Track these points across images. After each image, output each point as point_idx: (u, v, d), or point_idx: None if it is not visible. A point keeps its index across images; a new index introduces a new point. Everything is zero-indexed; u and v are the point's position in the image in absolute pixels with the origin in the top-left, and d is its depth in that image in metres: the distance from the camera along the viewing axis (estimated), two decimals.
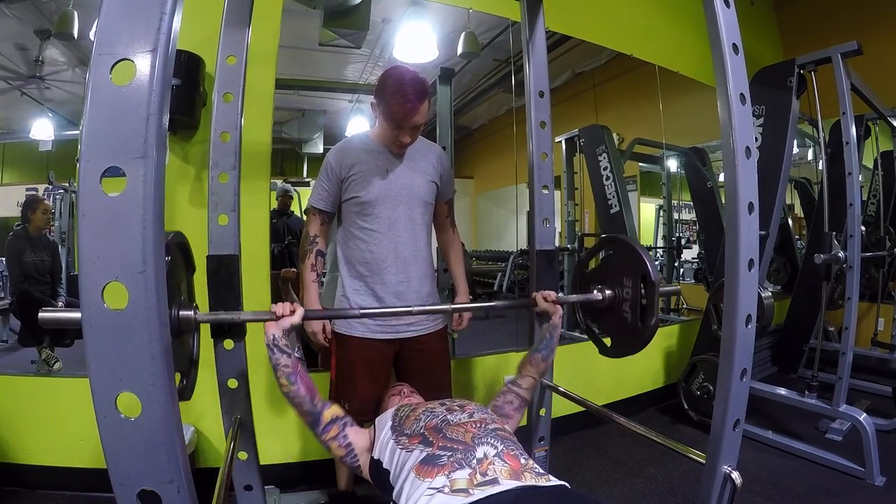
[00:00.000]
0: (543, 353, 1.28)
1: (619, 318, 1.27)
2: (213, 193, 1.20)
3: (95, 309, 0.49)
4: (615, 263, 1.29)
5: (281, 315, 1.05)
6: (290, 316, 1.05)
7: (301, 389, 1.04)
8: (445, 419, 1.04)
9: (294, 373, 1.04)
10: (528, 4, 1.51)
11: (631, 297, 1.22)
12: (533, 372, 1.27)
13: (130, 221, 0.48)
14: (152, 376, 0.51)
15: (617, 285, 1.27)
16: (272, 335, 1.03)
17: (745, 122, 0.93)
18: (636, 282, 1.19)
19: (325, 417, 1.07)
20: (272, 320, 1.05)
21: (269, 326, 1.04)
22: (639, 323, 1.19)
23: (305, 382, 1.05)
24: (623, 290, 1.24)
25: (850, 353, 2.14)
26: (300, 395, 1.04)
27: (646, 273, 1.17)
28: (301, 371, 1.05)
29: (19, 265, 2.43)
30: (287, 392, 1.04)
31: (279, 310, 1.05)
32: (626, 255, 1.24)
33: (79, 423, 1.80)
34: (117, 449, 0.54)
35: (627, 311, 1.23)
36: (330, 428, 1.08)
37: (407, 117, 1.37)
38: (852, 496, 1.85)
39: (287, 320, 1.05)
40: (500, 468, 0.86)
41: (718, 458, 0.97)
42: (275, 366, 1.03)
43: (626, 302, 1.24)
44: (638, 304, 1.19)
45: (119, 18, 0.49)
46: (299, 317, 1.06)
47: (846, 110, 2.16)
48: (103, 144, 0.48)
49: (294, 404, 1.06)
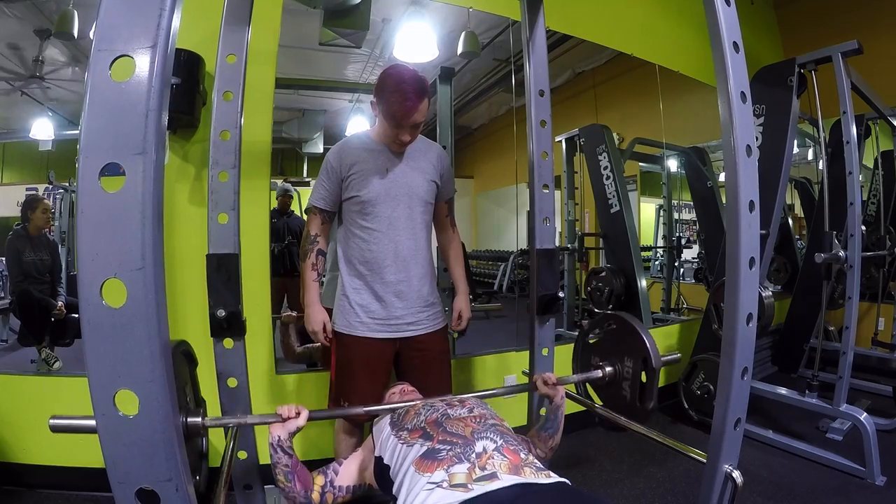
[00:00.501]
0: (550, 432, 1.27)
1: (618, 395, 1.28)
2: (212, 192, 1.20)
3: (94, 306, 0.49)
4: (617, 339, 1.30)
5: (287, 417, 1.06)
6: (296, 419, 1.06)
7: (297, 486, 1.06)
8: (446, 413, 1.05)
9: (292, 472, 1.05)
10: (528, 4, 1.50)
11: (631, 377, 1.23)
12: (543, 447, 1.26)
13: (129, 218, 0.48)
14: (151, 374, 0.50)
15: (617, 362, 1.28)
16: (277, 437, 1.04)
17: (746, 120, 0.93)
18: (637, 362, 1.21)
19: (316, 499, 1.10)
20: (278, 422, 1.06)
21: (274, 428, 1.05)
22: (637, 403, 1.21)
23: (302, 480, 1.08)
24: (623, 368, 1.26)
25: (851, 352, 2.14)
26: (295, 491, 1.06)
27: (647, 357, 1.17)
28: (300, 470, 1.07)
29: (19, 265, 2.43)
30: (283, 488, 1.06)
31: (285, 412, 1.06)
32: (628, 333, 1.25)
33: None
34: (115, 447, 0.53)
35: (627, 390, 1.24)
36: (325, 499, 1.10)
37: (406, 116, 1.36)
38: (853, 496, 1.85)
39: (293, 423, 1.06)
40: (499, 462, 0.86)
41: (719, 458, 0.97)
42: (275, 464, 1.05)
43: (625, 381, 1.25)
44: (637, 384, 1.20)
45: (119, 15, 0.49)
46: (304, 419, 1.07)
47: (846, 110, 2.16)
48: (102, 141, 0.48)
49: (287, 498, 1.08)
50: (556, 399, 1.28)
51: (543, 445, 1.26)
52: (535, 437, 1.28)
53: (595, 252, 3.55)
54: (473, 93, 3.78)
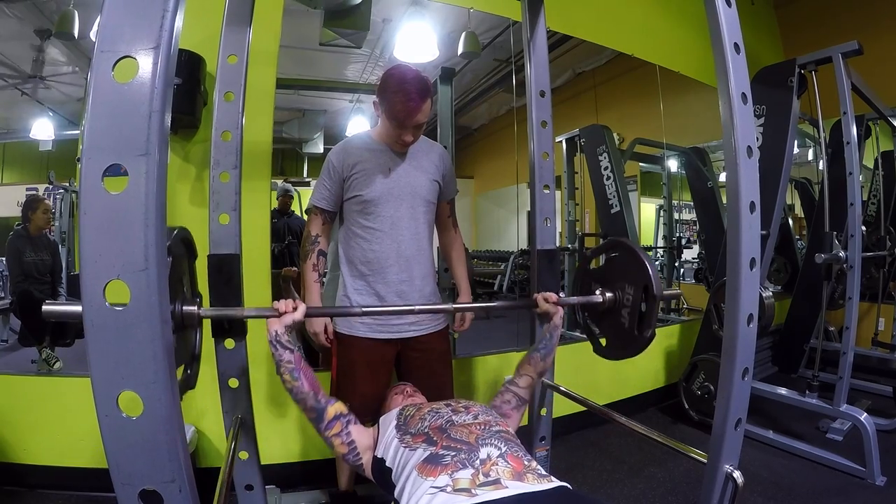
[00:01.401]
0: (542, 353, 1.28)
1: (616, 323, 1.27)
2: (214, 192, 1.20)
3: (97, 307, 0.49)
4: (619, 267, 1.28)
5: (283, 311, 1.05)
6: (293, 312, 1.05)
7: (304, 385, 1.04)
8: (450, 419, 1.04)
9: (297, 368, 1.03)
10: (529, 4, 1.50)
11: (631, 304, 1.21)
12: (531, 371, 1.27)
13: (132, 219, 0.48)
14: (154, 374, 0.50)
15: (618, 289, 1.26)
16: (275, 331, 1.03)
17: (747, 121, 0.93)
18: (638, 290, 1.19)
19: (329, 414, 1.07)
20: (275, 316, 1.05)
21: (271, 323, 1.04)
22: (635, 331, 1.20)
23: (309, 378, 1.05)
24: (624, 295, 1.24)
25: (851, 352, 2.14)
26: (304, 391, 1.04)
27: (648, 284, 1.16)
28: (304, 367, 1.05)
29: (20, 265, 2.43)
30: (290, 388, 1.04)
31: (282, 306, 1.05)
32: (631, 261, 1.23)
33: (79, 422, 1.79)
34: (119, 448, 0.53)
35: (626, 317, 1.23)
36: (333, 424, 1.08)
37: (409, 116, 1.36)
38: (853, 496, 1.85)
39: (289, 316, 1.05)
40: (502, 469, 0.86)
41: (720, 458, 0.96)
42: (278, 362, 1.03)
43: (625, 308, 1.23)
44: (637, 312, 1.19)
45: (121, 16, 0.49)
46: (301, 313, 1.06)
47: (847, 110, 2.16)
48: (105, 142, 0.48)
49: (297, 400, 1.06)
50: (555, 318, 1.30)
51: (532, 370, 1.27)
52: (525, 362, 1.29)
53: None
54: (474, 93, 3.79)
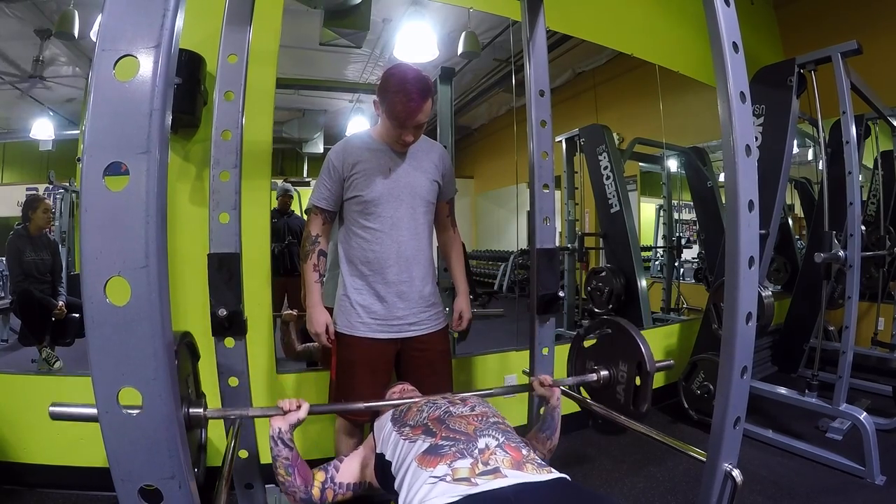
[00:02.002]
0: (547, 433, 1.28)
1: (612, 398, 1.30)
2: (214, 192, 1.21)
3: (98, 304, 0.49)
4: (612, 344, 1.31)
5: (288, 410, 1.07)
6: (297, 411, 1.08)
7: (297, 480, 1.06)
8: (448, 411, 1.05)
9: (293, 465, 1.06)
10: (528, 4, 1.51)
11: (625, 381, 1.24)
12: (541, 448, 1.27)
13: (133, 217, 0.48)
14: (154, 371, 0.51)
15: (612, 366, 1.29)
16: (278, 429, 1.05)
17: (746, 120, 0.93)
18: (631, 366, 1.22)
19: (316, 494, 1.09)
20: (279, 415, 1.07)
21: (275, 420, 1.06)
22: (631, 406, 1.22)
23: (303, 474, 1.08)
24: (618, 372, 1.27)
25: (851, 352, 2.14)
26: (295, 486, 1.06)
27: (641, 361, 1.18)
28: (300, 464, 1.08)
29: (20, 264, 2.43)
30: (283, 482, 1.06)
31: (286, 405, 1.08)
32: (624, 338, 1.26)
33: (79, 422, 1.79)
34: (119, 444, 0.54)
35: (621, 393, 1.26)
36: (325, 496, 1.10)
37: (410, 116, 1.36)
38: (852, 495, 1.85)
39: (294, 415, 1.07)
40: (501, 458, 0.86)
41: (719, 456, 0.97)
42: (275, 457, 1.05)
43: (620, 385, 1.26)
44: (632, 389, 1.22)
45: (123, 15, 0.50)
46: (305, 412, 1.09)
47: (846, 110, 2.16)
48: (106, 140, 0.48)
49: (287, 493, 1.08)
50: (553, 400, 1.29)
51: (542, 447, 1.27)
52: (533, 438, 1.29)
53: (595, 252, 3.55)
54: (474, 93, 3.79)
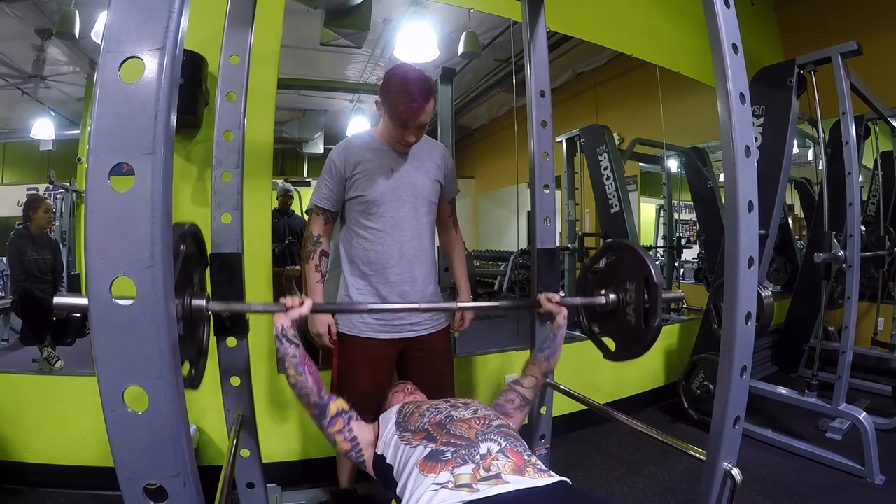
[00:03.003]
0: (546, 353, 1.29)
1: (622, 322, 1.27)
2: (216, 192, 1.21)
3: (103, 303, 0.50)
4: (619, 268, 1.30)
5: (290, 307, 1.07)
6: (299, 307, 1.07)
7: (308, 380, 1.04)
8: (449, 415, 1.05)
9: (302, 363, 1.04)
10: (529, 4, 1.51)
11: (634, 301, 1.23)
12: (536, 371, 1.28)
13: (139, 217, 0.49)
14: (160, 370, 0.51)
15: (621, 290, 1.28)
16: (281, 325, 1.04)
17: (745, 121, 0.94)
18: (639, 285, 1.20)
19: (331, 410, 1.08)
20: (281, 311, 1.06)
21: (278, 317, 1.06)
22: (642, 325, 1.20)
23: (313, 373, 1.06)
24: (626, 293, 1.26)
25: (850, 352, 2.15)
26: (307, 386, 1.05)
27: (648, 276, 1.18)
28: (308, 362, 1.06)
29: (21, 264, 2.44)
30: (294, 383, 1.05)
31: (289, 302, 1.07)
32: (630, 259, 1.25)
33: (80, 421, 1.80)
34: (124, 443, 0.54)
35: (631, 314, 1.24)
36: (336, 421, 1.08)
37: (412, 117, 1.35)
38: (852, 495, 1.86)
39: (296, 311, 1.07)
40: (503, 464, 0.86)
41: (719, 455, 0.97)
42: (282, 356, 1.04)
43: (629, 305, 1.25)
44: (641, 306, 1.20)
45: (128, 17, 0.50)
46: (308, 308, 1.08)
47: (846, 110, 2.16)
48: (112, 141, 0.49)
49: (300, 395, 1.06)
50: (559, 318, 1.30)
51: (537, 370, 1.27)
52: (530, 363, 1.29)
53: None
54: (474, 93, 3.79)
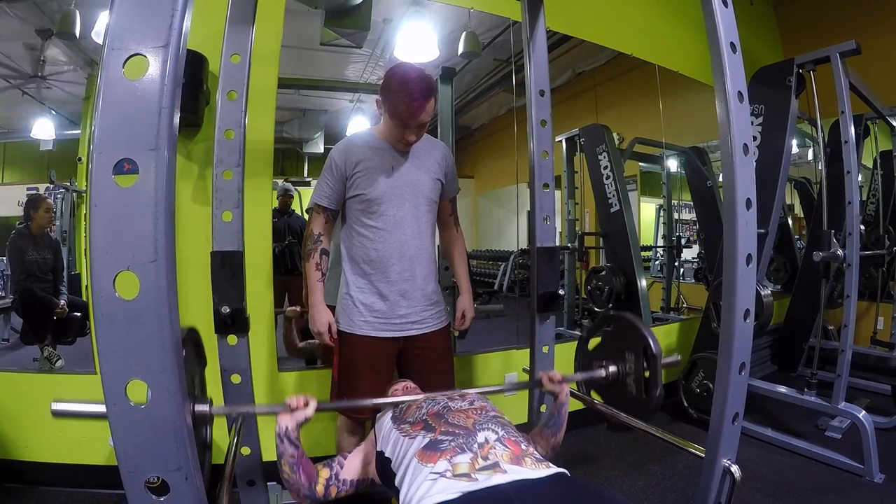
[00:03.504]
0: (553, 430, 1.27)
1: (623, 393, 1.28)
2: (217, 190, 1.22)
3: (107, 298, 0.50)
4: (616, 339, 1.31)
5: (295, 407, 1.06)
6: (304, 409, 1.06)
7: (302, 478, 1.06)
8: (447, 406, 1.06)
9: (297, 463, 1.05)
10: (528, 4, 1.52)
11: (634, 372, 1.24)
12: (545, 446, 1.26)
13: (142, 212, 0.49)
14: (162, 364, 0.52)
15: (620, 361, 1.29)
16: (285, 427, 1.04)
17: (743, 119, 0.94)
18: (638, 356, 1.21)
19: (320, 491, 1.09)
20: (286, 413, 1.06)
21: (282, 418, 1.05)
22: (643, 395, 1.21)
23: (307, 472, 1.07)
24: (626, 364, 1.27)
25: (850, 350, 2.15)
26: (300, 483, 1.06)
27: (647, 346, 1.18)
28: (305, 462, 1.07)
29: (22, 263, 2.44)
30: (288, 479, 1.06)
31: (293, 403, 1.06)
32: (627, 330, 1.26)
33: (80, 420, 1.80)
34: (126, 436, 0.54)
35: (631, 384, 1.25)
36: (329, 491, 1.10)
37: (413, 116, 1.36)
38: (851, 493, 1.86)
39: (301, 413, 1.06)
40: (501, 452, 0.87)
41: (718, 452, 0.98)
42: (280, 454, 1.05)
43: (629, 376, 1.25)
44: (641, 377, 1.21)
45: (131, 15, 0.51)
46: (312, 410, 1.07)
47: (845, 109, 2.17)
48: (116, 137, 0.49)
49: (291, 490, 1.08)
50: (561, 396, 1.28)
51: (545, 444, 1.26)
52: (537, 435, 1.28)
53: (595, 251, 3.56)
54: (474, 93, 3.80)
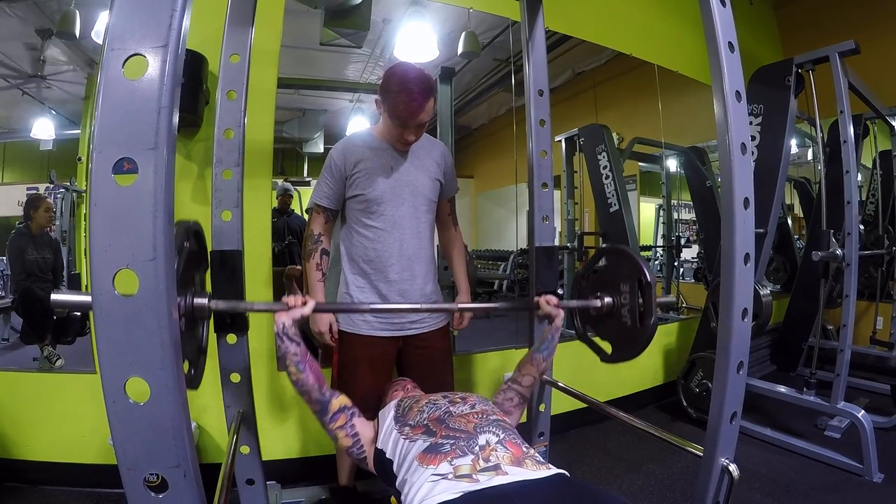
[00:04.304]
0: (544, 354, 1.30)
1: (618, 323, 1.29)
2: (216, 189, 1.22)
3: (106, 296, 0.50)
4: (612, 272, 1.32)
5: (292, 305, 1.07)
6: (302, 307, 1.07)
7: (310, 378, 1.05)
8: (448, 410, 1.06)
9: (303, 361, 1.05)
10: (527, 4, 1.52)
11: (629, 302, 1.24)
12: (533, 371, 1.29)
13: (142, 210, 0.50)
14: (162, 361, 0.52)
15: (615, 293, 1.29)
16: (282, 323, 1.04)
17: (741, 118, 0.94)
18: (633, 286, 1.22)
19: (333, 406, 1.09)
20: (283, 310, 1.06)
21: (279, 316, 1.05)
22: (637, 325, 1.22)
23: (314, 371, 1.06)
24: (621, 296, 1.27)
25: (849, 350, 2.15)
26: (308, 384, 1.05)
27: (642, 276, 1.19)
28: (310, 360, 1.06)
29: (21, 263, 2.44)
30: (296, 380, 1.05)
31: (291, 301, 1.07)
32: (623, 262, 1.27)
33: (81, 419, 1.81)
34: (125, 434, 0.55)
35: (626, 315, 1.25)
36: (338, 417, 1.09)
37: (412, 115, 1.36)
38: (851, 493, 1.86)
39: (298, 310, 1.06)
40: (502, 454, 0.87)
41: (716, 451, 0.98)
42: (284, 354, 1.04)
43: (624, 307, 1.26)
44: (636, 307, 1.22)
45: (131, 15, 0.51)
46: (310, 308, 1.08)
47: (844, 109, 2.17)
48: (116, 136, 0.50)
49: (302, 392, 1.07)
50: (556, 320, 1.31)
51: (534, 369, 1.28)
52: (526, 363, 1.30)
53: (595, 251, 3.57)
54: (473, 93, 3.80)
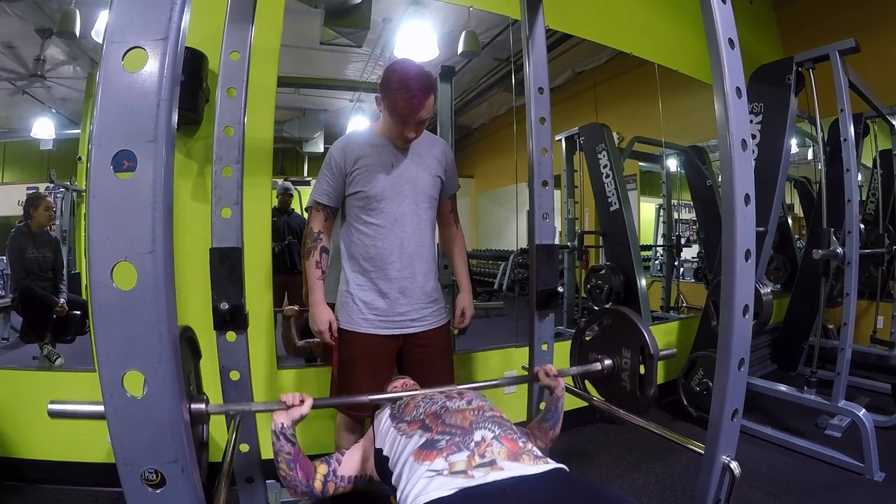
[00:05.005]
0: (550, 423, 1.29)
1: (618, 387, 1.29)
2: (216, 187, 1.22)
3: (104, 289, 0.50)
4: (614, 333, 1.31)
5: (291, 405, 1.06)
6: (300, 406, 1.06)
7: (299, 475, 1.06)
8: (444, 406, 1.06)
9: (294, 460, 1.06)
10: (527, 3, 1.52)
11: (630, 368, 1.24)
12: (543, 439, 1.28)
13: (140, 203, 0.50)
14: (159, 355, 0.52)
15: (616, 355, 1.29)
16: (280, 423, 1.05)
17: (741, 115, 0.94)
18: (635, 352, 1.22)
19: (318, 487, 1.10)
20: (282, 409, 1.06)
21: (277, 415, 1.06)
22: (637, 392, 1.21)
23: (304, 469, 1.08)
24: (622, 360, 1.27)
25: (849, 349, 2.15)
26: (297, 480, 1.07)
27: (644, 345, 1.19)
28: (302, 458, 1.08)
29: (21, 262, 2.44)
30: (285, 476, 1.06)
31: (289, 400, 1.06)
32: (625, 326, 1.26)
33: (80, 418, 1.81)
34: (122, 428, 0.54)
35: (626, 380, 1.26)
36: (327, 488, 1.11)
37: (412, 113, 1.35)
38: (851, 491, 1.86)
39: (297, 410, 1.06)
40: (498, 450, 0.87)
41: (717, 449, 0.98)
42: (277, 451, 1.05)
43: (624, 372, 1.26)
44: (637, 374, 1.22)
45: (131, 8, 0.51)
46: (308, 406, 1.08)
47: (844, 108, 2.17)
48: (115, 129, 0.49)
49: (289, 486, 1.08)
50: (557, 390, 1.29)
51: (543, 437, 1.28)
52: (534, 429, 1.30)
53: (595, 250, 3.57)
54: (474, 92, 3.80)
